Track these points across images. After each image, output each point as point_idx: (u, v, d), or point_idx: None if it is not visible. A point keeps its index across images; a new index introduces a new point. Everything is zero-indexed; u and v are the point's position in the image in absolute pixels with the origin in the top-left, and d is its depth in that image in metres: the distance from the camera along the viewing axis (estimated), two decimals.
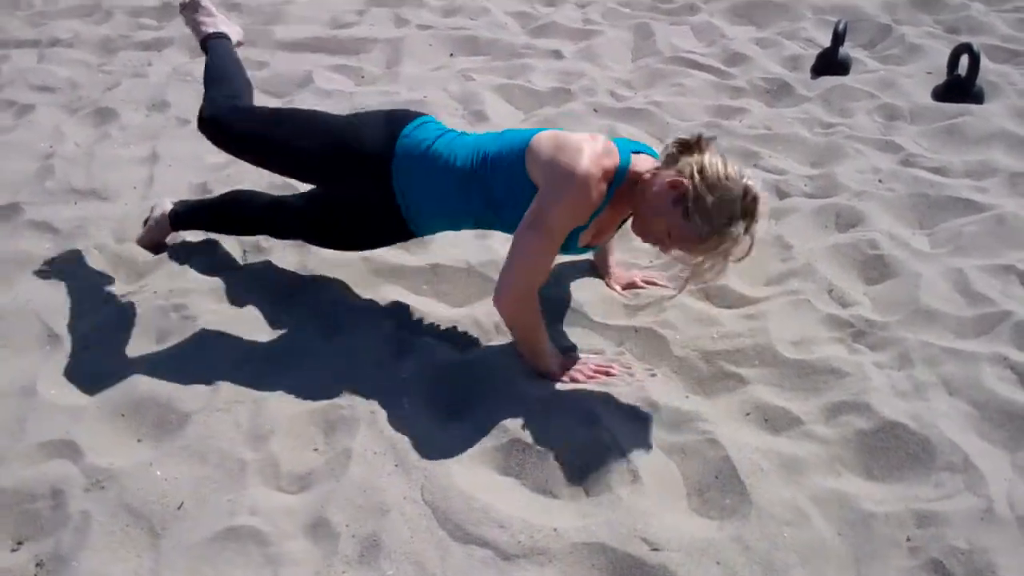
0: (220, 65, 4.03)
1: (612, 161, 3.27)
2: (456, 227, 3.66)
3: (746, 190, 3.06)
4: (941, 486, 2.93)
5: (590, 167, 3.18)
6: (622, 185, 3.31)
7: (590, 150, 3.22)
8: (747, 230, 3.07)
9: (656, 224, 3.24)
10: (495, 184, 3.41)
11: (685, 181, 3.11)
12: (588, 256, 4.05)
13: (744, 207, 3.06)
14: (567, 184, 3.18)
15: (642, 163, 3.35)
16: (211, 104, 3.81)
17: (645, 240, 3.34)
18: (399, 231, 3.71)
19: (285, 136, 3.66)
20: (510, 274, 3.29)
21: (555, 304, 3.83)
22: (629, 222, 3.46)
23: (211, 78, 3.97)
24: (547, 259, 3.30)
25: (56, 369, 3.54)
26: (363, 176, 3.58)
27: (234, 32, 4.29)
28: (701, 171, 3.10)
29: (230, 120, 3.76)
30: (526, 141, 3.37)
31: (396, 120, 3.65)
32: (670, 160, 3.24)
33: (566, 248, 3.36)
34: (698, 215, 3.08)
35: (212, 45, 4.14)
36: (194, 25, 4.24)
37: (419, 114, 3.72)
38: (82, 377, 3.52)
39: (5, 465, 3.06)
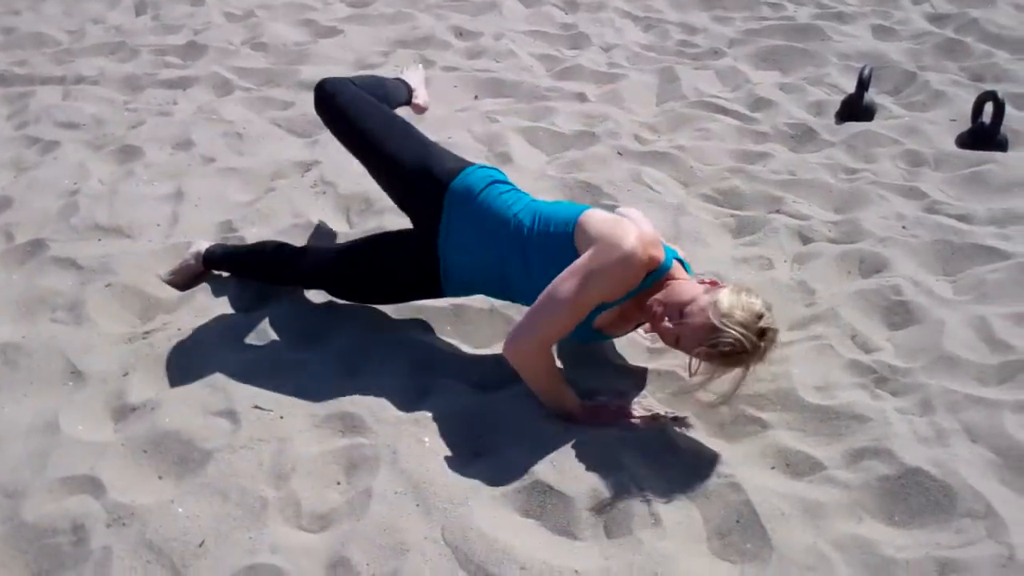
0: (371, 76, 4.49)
1: (659, 253, 3.33)
2: (482, 283, 3.71)
3: (748, 343, 3.13)
4: (963, 533, 2.91)
5: (639, 246, 3.23)
6: (659, 281, 3.35)
7: (643, 233, 3.30)
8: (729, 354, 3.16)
9: (674, 306, 3.27)
10: (538, 244, 3.47)
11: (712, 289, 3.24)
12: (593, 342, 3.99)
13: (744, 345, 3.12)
14: (613, 253, 3.22)
15: (678, 272, 3.42)
16: (336, 78, 4.17)
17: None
18: (426, 283, 3.77)
19: (373, 125, 3.92)
20: (528, 325, 3.32)
21: (578, 347, 3.84)
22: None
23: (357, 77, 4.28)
24: (569, 321, 3.32)
25: (79, 405, 3.55)
26: (419, 195, 3.75)
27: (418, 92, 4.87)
28: (721, 302, 3.15)
29: (337, 89, 4.08)
30: (579, 212, 3.44)
31: (464, 161, 3.84)
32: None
33: (579, 328, 3.38)
34: (697, 324, 3.17)
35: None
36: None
37: (490, 166, 3.85)
38: (105, 413, 3.54)
39: (27, 500, 3.07)
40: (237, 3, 8.88)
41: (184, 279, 4.33)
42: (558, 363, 3.64)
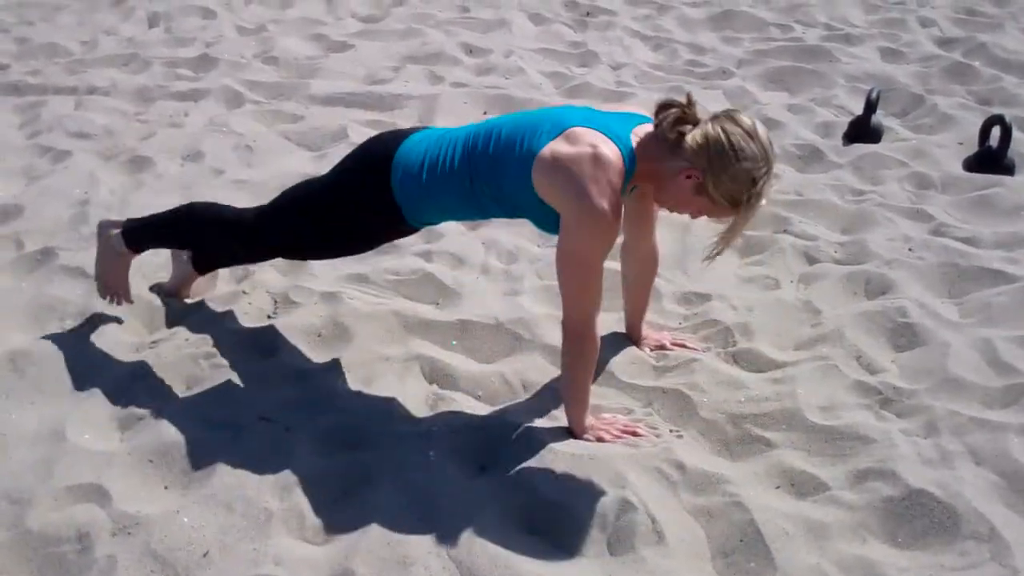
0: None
1: (618, 170, 3.18)
2: (459, 218, 3.65)
3: (759, 153, 3.13)
4: (966, 555, 2.91)
5: (603, 200, 3.12)
6: (634, 176, 3.29)
7: (598, 178, 3.13)
8: (770, 175, 3.17)
9: (687, 209, 3.30)
10: (501, 186, 3.35)
11: (697, 173, 3.15)
12: None
13: (765, 166, 3.14)
14: (587, 221, 3.15)
15: (645, 141, 3.29)
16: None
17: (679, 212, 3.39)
18: (394, 224, 3.61)
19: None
20: (570, 306, 3.31)
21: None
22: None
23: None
24: (597, 285, 3.28)
25: (86, 414, 3.56)
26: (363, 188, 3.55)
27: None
28: (708, 157, 3.11)
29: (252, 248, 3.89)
30: (530, 156, 3.24)
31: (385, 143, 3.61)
32: (674, 143, 3.19)
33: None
34: (723, 198, 3.14)
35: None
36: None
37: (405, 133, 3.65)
38: (112, 423, 3.55)
39: (33, 508, 3.07)
40: (249, 17, 8.93)
41: (179, 284, 4.28)
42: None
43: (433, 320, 4.15)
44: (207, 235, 3.95)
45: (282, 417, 3.54)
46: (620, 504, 3.07)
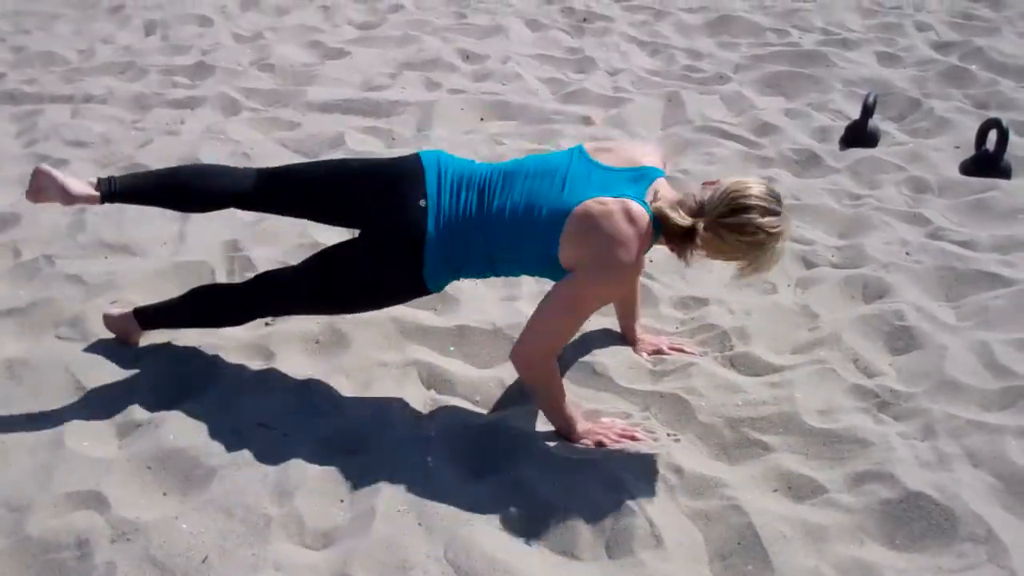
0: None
1: (647, 233, 3.27)
2: (468, 272, 3.59)
3: (758, 206, 3.16)
4: (964, 557, 2.92)
5: (628, 256, 3.22)
6: (659, 234, 3.35)
7: (630, 235, 3.23)
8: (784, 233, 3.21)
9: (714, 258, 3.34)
10: (520, 259, 3.43)
11: (713, 239, 3.22)
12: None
13: (763, 217, 3.16)
14: (606, 271, 3.23)
15: (665, 198, 3.35)
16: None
17: None
18: (410, 283, 3.56)
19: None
20: (533, 336, 3.34)
21: (581, 369, 3.85)
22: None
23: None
24: (573, 331, 3.40)
25: (84, 421, 3.56)
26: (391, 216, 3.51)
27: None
28: (718, 228, 3.19)
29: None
30: (563, 212, 3.30)
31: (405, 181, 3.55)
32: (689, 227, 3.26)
33: None
34: (741, 254, 3.24)
35: None
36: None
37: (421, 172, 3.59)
38: (110, 430, 3.55)
39: (32, 514, 3.07)
40: (246, 24, 8.94)
41: (124, 338, 4.09)
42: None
43: (431, 326, 4.15)
44: (222, 311, 3.84)
45: (281, 423, 3.55)
46: (618, 508, 3.07)
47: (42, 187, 3.64)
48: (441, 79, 7.43)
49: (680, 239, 3.27)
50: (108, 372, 3.82)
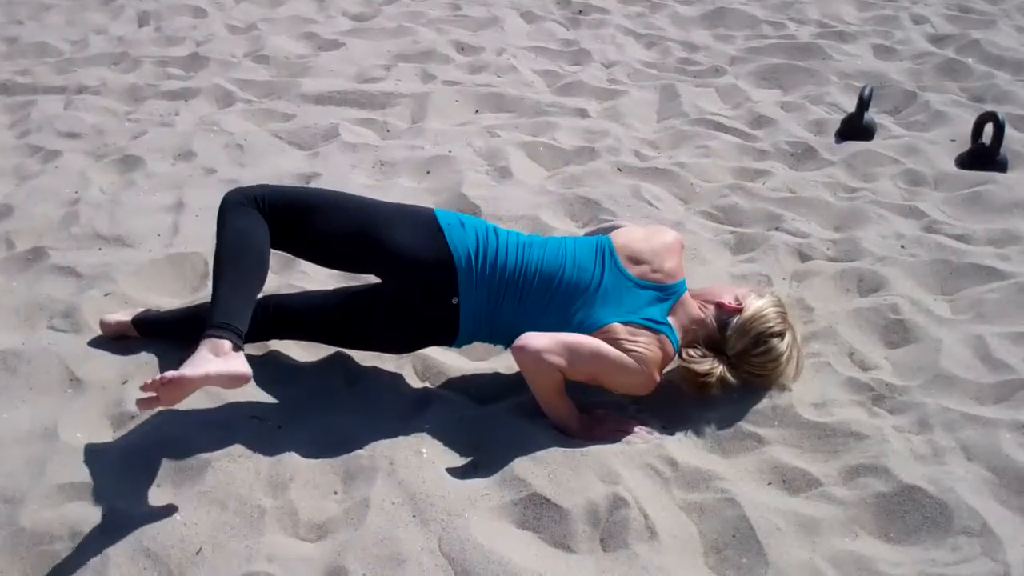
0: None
1: (670, 358, 3.57)
2: (491, 337, 3.71)
3: (780, 362, 3.56)
4: (958, 550, 2.92)
5: (652, 376, 3.51)
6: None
7: (656, 365, 3.51)
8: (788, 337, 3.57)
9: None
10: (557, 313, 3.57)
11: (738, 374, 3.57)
12: None
13: (771, 333, 3.52)
14: (630, 374, 3.48)
15: (687, 328, 3.63)
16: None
17: None
18: (440, 337, 3.69)
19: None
20: (550, 341, 3.40)
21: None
22: None
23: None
24: (581, 374, 3.50)
25: (78, 412, 3.55)
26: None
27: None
28: (743, 365, 3.56)
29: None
30: (600, 324, 3.50)
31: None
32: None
33: None
34: (762, 377, 3.58)
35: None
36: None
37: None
38: (104, 421, 3.54)
39: (25, 506, 3.07)
40: (240, 15, 8.91)
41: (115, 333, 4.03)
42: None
43: None
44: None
45: (275, 415, 3.55)
46: (612, 500, 3.07)
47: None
48: (436, 71, 7.41)
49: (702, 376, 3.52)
50: (102, 364, 3.81)
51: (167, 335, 3.93)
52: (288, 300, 3.80)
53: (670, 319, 3.55)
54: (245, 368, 3.10)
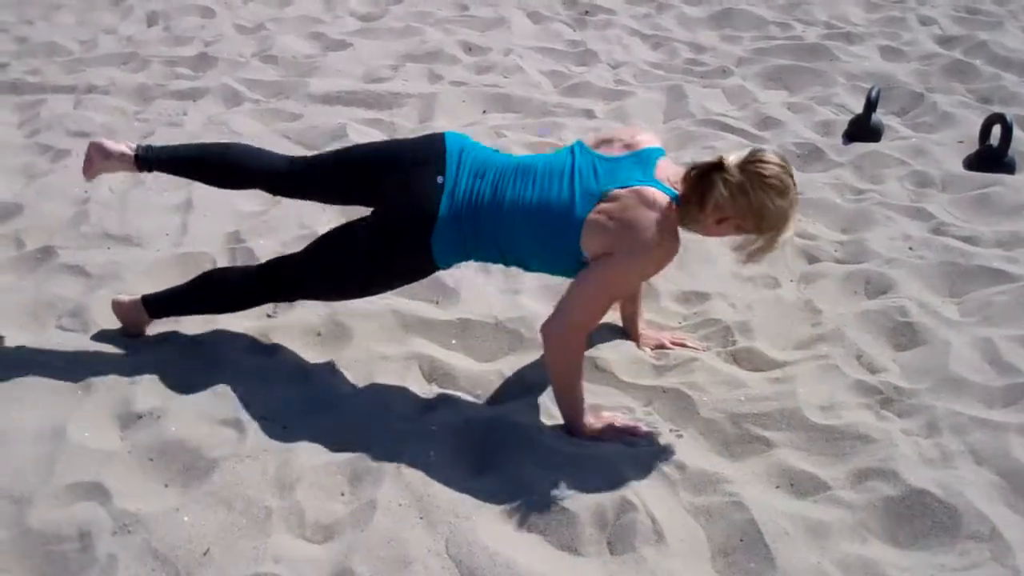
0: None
1: (668, 210, 3.29)
2: (479, 255, 3.59)
3: (787, 188, 3.22)
4: (967, 555, 2.92)
5: (659, 240, 3.26)
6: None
7: (653, 227, 3.25)
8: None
9: (714, 235, 3.43)
10: (543, 258, 3.48)
11: (742, 224, 3.29)
12: None
13: (791, 201, 3.24)
14: (636, 259, 3.29)
15: (674, 179, 3.40)
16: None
17: None
18: (420, 261, 3.58)
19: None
20: (568, 313, 3.36)
21: (584, 363, 3.83)
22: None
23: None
24: (607, 308, 3.41)
25: (86, 412, 3.55)
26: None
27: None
28: (741, 205, 3.22)
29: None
30: (578, 218, 3.32)
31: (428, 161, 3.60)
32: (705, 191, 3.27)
33: None
34: (765, 239, 3.28)
35: None
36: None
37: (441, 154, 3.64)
38: (112, 421, 3.54)
39: (33, 506, 3.07)
40: (248, 16, 8.92)
41: (132, 327, 4.07)
42: None
43: (432, 319, 4.15)
44: (231, 297, 3.87)
45: (282, 416, 3.54)
46: (620, 503, 3.07)
47: (87, 156, 3.84)
48: (443, 71, 7.41)
49: (698, 197, 3.28)
50: (110, 363, 3.81)
51: (177, 310, 3.98)
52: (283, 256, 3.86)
53: (658, 179, 3.37)
54: (115, 147, 3.81)
